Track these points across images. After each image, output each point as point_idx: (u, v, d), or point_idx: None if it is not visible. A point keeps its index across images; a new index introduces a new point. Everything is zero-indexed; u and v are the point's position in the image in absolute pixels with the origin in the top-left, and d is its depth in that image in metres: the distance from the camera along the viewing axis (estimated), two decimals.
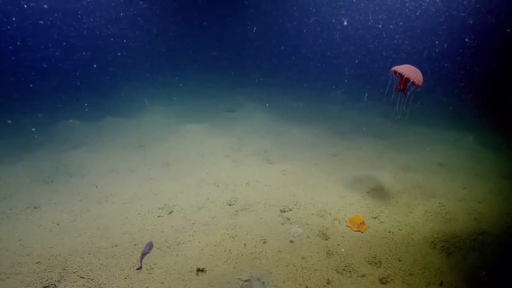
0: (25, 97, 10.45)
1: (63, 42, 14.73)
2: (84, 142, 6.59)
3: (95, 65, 13.83)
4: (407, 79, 3.68)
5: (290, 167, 5.41)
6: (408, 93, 3.84)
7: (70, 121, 7.71)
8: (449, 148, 6.99)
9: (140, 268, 3.10)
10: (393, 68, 3.82)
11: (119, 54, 15.24)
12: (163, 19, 17.81)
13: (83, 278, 2.91)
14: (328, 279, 3.03)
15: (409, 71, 3.71)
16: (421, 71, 3.79)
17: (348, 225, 3.89)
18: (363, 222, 3.87)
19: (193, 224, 3.82)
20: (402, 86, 3.80)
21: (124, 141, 6.71)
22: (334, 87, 13.55)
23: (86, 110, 9.35)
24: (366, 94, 11.03)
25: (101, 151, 6.06)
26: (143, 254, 3.25)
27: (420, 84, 3.70)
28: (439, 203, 4.35)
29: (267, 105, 10.28)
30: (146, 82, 13.65)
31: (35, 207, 4.09)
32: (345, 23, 16.22)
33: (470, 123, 9.11)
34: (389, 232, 3.80)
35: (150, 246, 3.38)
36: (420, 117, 9.64)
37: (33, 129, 7.42)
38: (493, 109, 9.99)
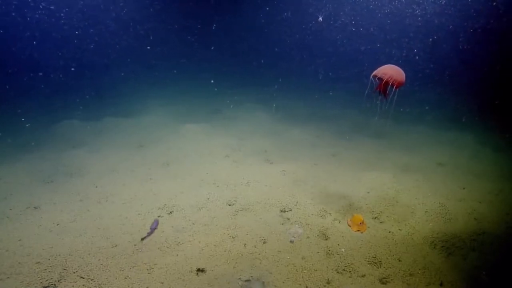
0: (25, 97, 10.44)
1: (62, 42, 14.73)
2: (84, 142, 6.60)
3: (95, 65, 13.84)
4: (387, 82, 3.54)
5: (290, 167, 5.41)
6: (390, 95, 3.69)
7: (70, 121, 7.71)
8: (449, 148, 7.00)
9: (144, 238, 3.39)
10: (374, 73, 3.66)
11: (117, 46, 15.24)
12: (161, 19, 17.81)
13: (83, 278, 2.91)
14: (328, 279, 3.03)
15: (390, 72, 3.56)
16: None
17: (348, 225, 3.89)
18: (363, 222, 3.87)
19: (193, 224, 3.82)
20: (382, 88, 3.64)
21: (124, 141, 6.71)
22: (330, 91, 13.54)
23: (86, 110, 9.34)
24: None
25: (101, 151, 6.06)
26: (152, 229, 3.49)
27: (401, 84, 3.55)
28: (439, 203, 4.35)
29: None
30: (145, 82, 13.64)
31: (35, 207, 4.09)
32: (320, 19, 16.05)
33: (470, 123, 9.12)
34: (389, 232, 3.80)
35: (157, 223, 3.59)
36: (419, 117, 9.65)
37: (36, 130, 7.40)
38: (493, 109, 10.00)
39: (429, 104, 11.04)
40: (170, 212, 4.07)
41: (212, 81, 13.30)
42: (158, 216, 3.96)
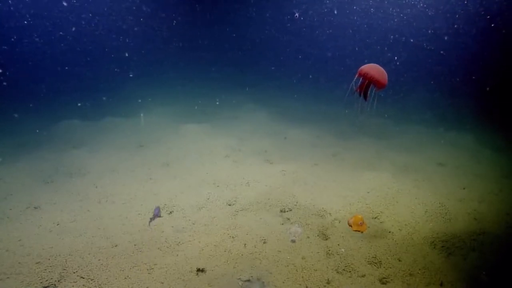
0: (25, 97, 10.44)
1: (63, 42, 14.74)
2: (84, 142, 6.59)
3: (94, 65, 13.85)
4: (369, 82, 3.41)
5: (290, 167, 5.41)
6: (371, 97, 3.54)
7: (70, 121, 7.71)
8: (449, 148, 7.00)
9: (150, 222, 3.61)
10: (359, 71, 3.51)
11: (114, 54, 15.27)
12: (163, 18, 17.81)
13: (83, 278, 2.91)
14: (328, 279, 3.03)
15: (371, 72, 3.42)
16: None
17: (348, 225, 3.88)
18: (363, 222, 3.87)
19: (193, 224, 3.82)
20: (364, 89, 3.50)
21: (124, 141, 6.71)
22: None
23: (86, 110, 9.34)
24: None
25: (101, 151, 6.06)
26: (155, 216, 3.63)
27: (382, 86, 3.42)
28: (439, 203, 4.35)
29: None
30: (145, 82, 13.64)
31: (35, 207, 4.09)
32: (297, 15, 15.89)
33: (470, 123, 9.12)
34: (389, 232, 3.80)
35: (158, 210, 3.69)
36: (420, 117, 9.66)
37: (36, 130, 7.40)
38: (493, 109, 10.01)
39: (428, 104, 11.05)
40: (170, 212, 4.07)
41: (210, 82, 13.34)
42: (158, 216, 3.97)
